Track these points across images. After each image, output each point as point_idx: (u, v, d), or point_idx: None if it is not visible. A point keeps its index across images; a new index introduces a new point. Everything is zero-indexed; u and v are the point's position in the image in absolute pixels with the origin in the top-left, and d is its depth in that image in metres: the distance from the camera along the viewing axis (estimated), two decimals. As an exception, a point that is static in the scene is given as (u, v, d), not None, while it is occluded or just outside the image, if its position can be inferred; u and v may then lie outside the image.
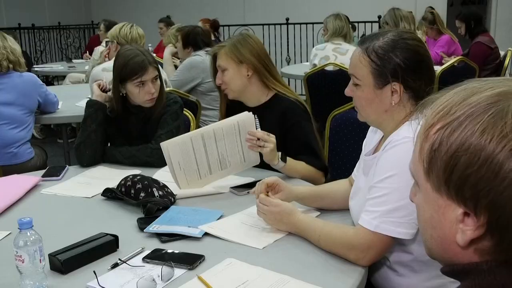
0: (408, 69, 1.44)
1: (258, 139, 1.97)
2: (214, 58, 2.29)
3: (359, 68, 1.48)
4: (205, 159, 1.98)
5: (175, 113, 2.37)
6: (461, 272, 0.75)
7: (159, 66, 2.36)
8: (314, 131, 2.24)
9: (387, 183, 1.39)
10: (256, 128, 2.01)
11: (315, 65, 4.45)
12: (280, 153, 2.02)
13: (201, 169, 1.98)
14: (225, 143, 1.99)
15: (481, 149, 0.69)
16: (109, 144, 2.43)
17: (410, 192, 0.86)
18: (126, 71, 2.26)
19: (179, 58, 4.66)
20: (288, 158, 2.05)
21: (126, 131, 2.38)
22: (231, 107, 2.32)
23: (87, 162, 2.32)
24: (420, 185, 0.79)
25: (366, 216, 1.41)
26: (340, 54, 4.38)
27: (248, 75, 2.23)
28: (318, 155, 2.18)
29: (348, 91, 1.55)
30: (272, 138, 1.98)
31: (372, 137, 1.68)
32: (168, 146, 1.94)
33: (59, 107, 3.53)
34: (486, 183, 0.68)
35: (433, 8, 6.85)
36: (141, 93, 2.28)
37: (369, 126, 1.67)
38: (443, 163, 0.73)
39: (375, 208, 1.40)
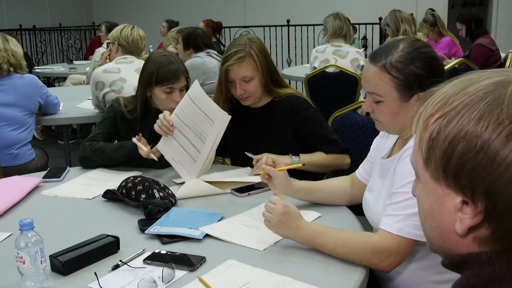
0: (430, 76, 1.45)
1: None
2: (227, 70, 2.19)
3: (381, 86, 1.47)
4: (187, 141, 2.05)
5: None
6: (461, 263, 0.76)
7: (189, 75, 2.36)
8: (323, 119, 2.29)
9: (409, 188, 1.39)
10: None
11: (314, 68, 4.45)
12: (290, 155, 2.09)
13: (190, 152, 2.04)
14: (189, 117, 2.04)
15: (477, 136, 0.70)
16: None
17: (412, 186, 0.87)
18: (158, 76, 2.25)
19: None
20: (302, 155, 2.10)
21: (139, 132, 2.36)
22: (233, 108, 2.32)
23: (92, 169, 2.31)
24: (420, 175, 0.80)
25: (388, 220, 1.41)
26: (340, 57, 4.39)
27: None
28: (335, 140, 2.24)
29: (367, 108, 1.55)
30: (264, 155, 1.97)
31: (384, 142, 1.70)
32: (159, 148, 2.09)
33: (60, 108, 3.54)
34: (483, 170, 0.69)
35: (433, 10, 6.87)
36: (167, 100, 2.27)
37: (370, 128, 1.67)
38: (441, 151, 0.74)
39: (397, 212, 1.40)
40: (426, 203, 0.80)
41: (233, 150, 2.42)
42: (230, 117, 1.96)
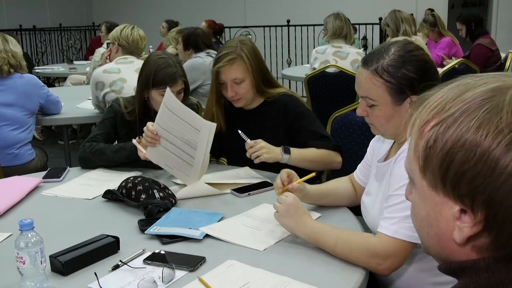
0: (422, 80, 1.46)
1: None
2: (218, 72, 2.19)
3: (373, 90, 1.48)
4: (176, 148, 1.99)
5: None
6: (458, 270, 0.75)
7: (187, 78, 2.36)
8: (316, 117, 2.31)
9: (404, 191, 1.39)
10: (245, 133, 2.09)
11: (315, 68, 4.45)
12: (282, 147, 2.07)
13: (184, 157, 1.99)
14: (172, 126, 1.98)
15: (477, 145, 0.69)
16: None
17: (406, 190, 0.86)
18: (155, 79, 2.25)
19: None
20: (292, 148, 2.10)
21: (139, 133, 2.36)
22: (226, 110, 2.33)
23: (91, 169, 2.32)
24: (416, 183, 0.79)
25: (385, 223, 1.42)
26: (340, 59, 4.38)
27: None
28: (327, 137, 2.25)
29: (361, 112, 1.55)
30: (259, 142, 2.05)
31: (380, 145, 1.70)
32: (148, 157, 2.07)
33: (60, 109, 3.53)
34: (483, 179, 0.68)
35: (432, 11, 6.87)
36: None
37: (370, 129, 1.67)
38: (438, 160, 0.72)
39: (393, 215, 1.41)
40: (423, 211, 0.78)
41: (229, 151, 2.43)
42: (215, 125, 1.92)
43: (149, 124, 2.06)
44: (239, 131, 2.08)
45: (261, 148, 2.04)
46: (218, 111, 2.29)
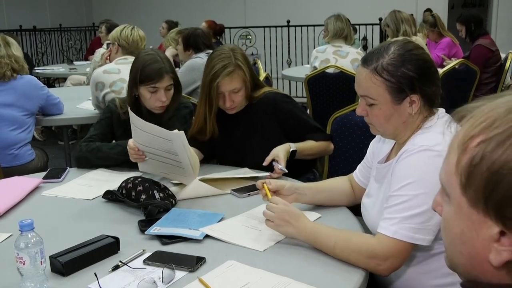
0: (422, 79, 1.46)
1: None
2: (217, 85, 2.16)
3: (373, 88, 1.48)
4: (164, 158, 1.98)
5: (184, 118, 2.38)
6: None
7: (176, 75, 2.36)
8: (304, 110, 2.41)
9: (405, 191, 1.40)
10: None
11: (315, 67, 4.45)
12: (289, 146, 2.14)
13: (173, 163, 1.99)
14: (149, 141, 1.98)
15: None
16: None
17: (434, 201, 0.82)
18: (142, 75, 2.26)
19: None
20: (297, 149, 2.18)
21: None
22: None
23: (90, 168, 2.32)
24: (453, 198, 0.74)
25: (384, 223, 1.42)
26: (340, 57, 4.39)
27: None
28: (319, 129, 2.35)
29: (360, 111, 1.55)
30: (282, 164, 2.05)
31: (381, 147, 1.70)
32: (142, 170, 2.13)
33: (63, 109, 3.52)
34: None
35: (431, 11, 6.87)
36: (152, 99, 2.29)
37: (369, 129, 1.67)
38: (483, 180, 0.68)
39: (393, 215, 1.41)
40: (457, 228, 0.74)
41: (222, 156, 2.43)
42: (183, 133, 1.89)
43: (130, 142, 2.07)
44: (280, 167, 2.06)
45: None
46: (214, 123, 2.29)
